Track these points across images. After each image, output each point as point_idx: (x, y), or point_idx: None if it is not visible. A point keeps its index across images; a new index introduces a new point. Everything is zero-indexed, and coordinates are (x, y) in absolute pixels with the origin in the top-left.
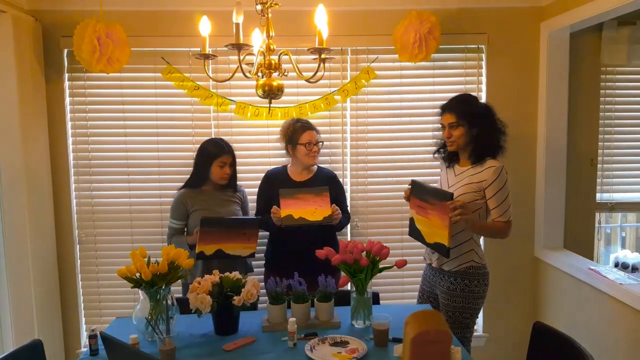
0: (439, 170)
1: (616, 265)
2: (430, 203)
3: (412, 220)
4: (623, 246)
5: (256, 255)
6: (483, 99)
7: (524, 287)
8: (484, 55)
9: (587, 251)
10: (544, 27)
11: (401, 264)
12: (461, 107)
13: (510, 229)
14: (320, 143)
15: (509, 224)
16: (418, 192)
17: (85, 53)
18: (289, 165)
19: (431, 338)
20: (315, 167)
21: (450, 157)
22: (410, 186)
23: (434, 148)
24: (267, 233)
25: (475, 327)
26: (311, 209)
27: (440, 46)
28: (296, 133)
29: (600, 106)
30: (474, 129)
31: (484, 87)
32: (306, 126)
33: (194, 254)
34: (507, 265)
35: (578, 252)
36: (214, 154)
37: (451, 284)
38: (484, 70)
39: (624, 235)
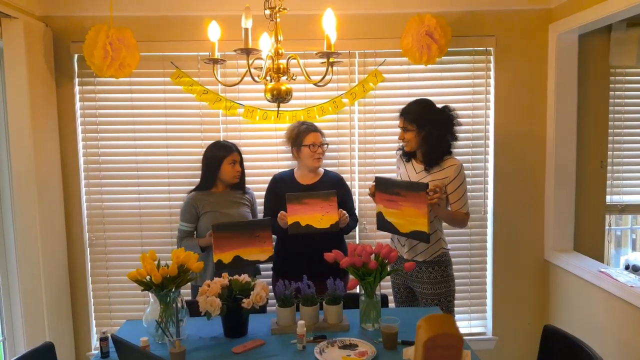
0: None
1: (627, 267)
2: (402, 195)
3: (380, 214)
4: (633, 248)
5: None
6: (491, 102)
7: (534, 289)
8: (492, 58)
9: (597, 253)
10: (553, 29)
11: (409, 267)
12: (410, 113)
13: (468, 219)
14: (325, 145)
15: (468, 215)
16: (385, 187)
17: (97, 58)
18: (295, 169)
19: (443, 342)
20: (322, 170)
21: (408, 154)
22: (374, 183)
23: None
24: (275, 237)
25: (484, 329)
26: (318, 215)
27: (448, 49)
28: (300, 135)
29: (610, 107)
30: (422, 132)
31: (492, 89)
32: (310, 128)
33: (205, 255)
34: (516, 268)
35: (588, 255)
36: (224, 152)
37: (431, 273)
38: (492, 73)
39: (634, 237)
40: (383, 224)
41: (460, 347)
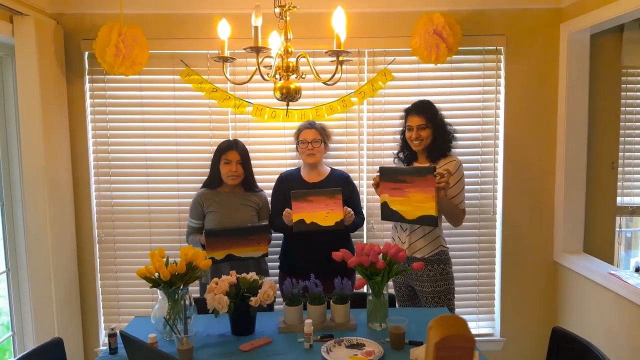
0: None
1: (637, 270)
2: (409, 182)
3: (385, 204)
4: None
5: (270, 257)
6: (501, 101)
7: (543, 291)
8: (502, 57)
9: (607, 255)
10: (564, 29)
11: (418, 267)
12: (429, 111)
13: (464, 217)
14: (320, 142)
15: (464, 212)
16: (390, 176)
17: (109, 56)
18: (301, 167)
19: (455, 343)
20: (328, 168)
21: (409, 158)
22: (378, 173)
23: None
24: (282, 235)
25: (492, 330)
26: (323, 213)
27: (458, 48)
28: (299, 131)
29: (621, 108)
30: (435, 130)
31: (502, 89)
32: (308, 125)
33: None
34: (525, 269)
35: (598, 256)
36: (220, 150)
37: (430, 271)
38: (502, 72)
39: None
40: (388, 213)
41: (472, 348)
